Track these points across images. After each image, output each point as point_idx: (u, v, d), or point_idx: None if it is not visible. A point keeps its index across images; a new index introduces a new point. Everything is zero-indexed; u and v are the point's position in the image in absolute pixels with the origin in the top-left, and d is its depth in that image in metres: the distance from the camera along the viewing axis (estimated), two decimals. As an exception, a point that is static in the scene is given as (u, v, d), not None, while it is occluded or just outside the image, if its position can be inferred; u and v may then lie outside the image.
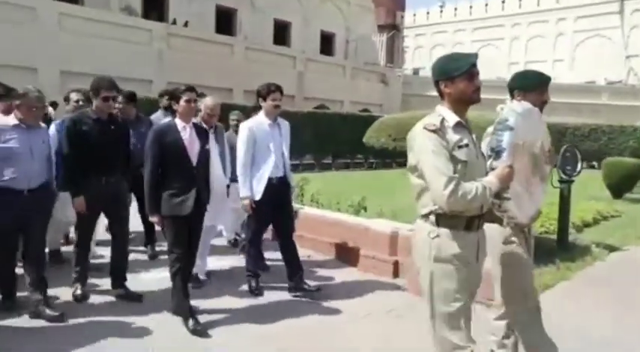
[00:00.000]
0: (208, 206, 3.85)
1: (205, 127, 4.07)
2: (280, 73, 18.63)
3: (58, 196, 4.01)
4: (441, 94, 2.25)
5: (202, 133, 3.77)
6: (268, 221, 4.37)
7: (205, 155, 3.75)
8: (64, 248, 5.13)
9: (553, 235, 5.81)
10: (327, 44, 26.89)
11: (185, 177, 3.59)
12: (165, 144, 3.57)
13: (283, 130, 4.32)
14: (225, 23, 21.87)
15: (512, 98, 2.78)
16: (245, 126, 4.26)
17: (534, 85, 2.78)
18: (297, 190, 6.31)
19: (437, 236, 2.17)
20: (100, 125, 3.91)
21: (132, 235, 4.65)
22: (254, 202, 4.16)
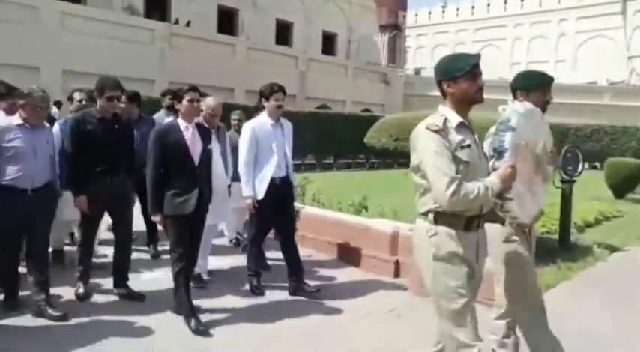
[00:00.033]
0: (210, 205, 3.86)
1: (208, 127, 4.08)
2: (282, 73, 18.65)
3: (62, 196, 4.02)
4: (444, 94, 2.25)
5: (205, 133, 3.77)
6: (270, 221, 4.38)
7: (208, 155, 3.76)
8: (68, 248, 5.14)
9: (554, 235, 5.81)
10: (329, 44, 26.90)
11: (187, 177, 3.60)
12: (167, 143, 3.58)
13: (286, 130, 4.33)
14: (227, 23, 21.91)
15: (514, 98, 2.79)
16: (248, 125, 4.28)
17: (537, 85, 2.78)
18: (298, 190, 6.33)
19: (435, 234, 2.18)
20: (105, 124, 3.93)
21: (134, 235, 4.67)
22: (256, 202, 4.18)
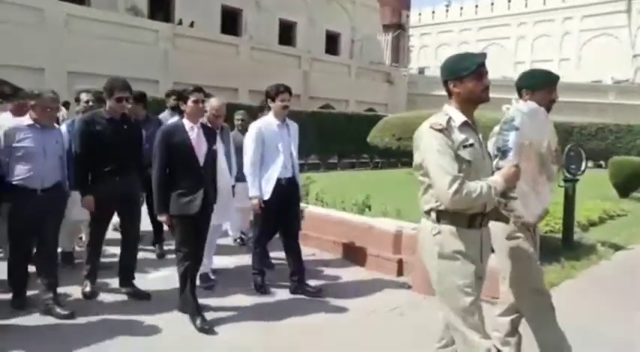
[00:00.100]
0: (214, 205, 3.88)
1: (213, 128, 4.10)
2: (285, 73, 18.69)
3: (70, 196, 4.06)
4: (450, 94, 2.27)
5: (210, 134, 3.80)
6: (276, 220, 4.39)
7: (213, 155, 3.78)
8: (78, 248, 5.18)
9: (558, 234, 5.81)
10: (333, 44, 26.90)
11: (193, 177, 3.63)
12: (172, 144, 3.61)
13: (292, 131, 4.36)
14: (230, 23, 21.94)
15: (520, 97, 2.79)
16: (254, 126, 4.31)
17: (542, 84, 2.79)
18: (302, 190, 6.35)
19: (438, 232, 2.20)
20: (114, 125, 3.97)
21: (141, 234, 4.70)
22: (263, 202, 4.20)
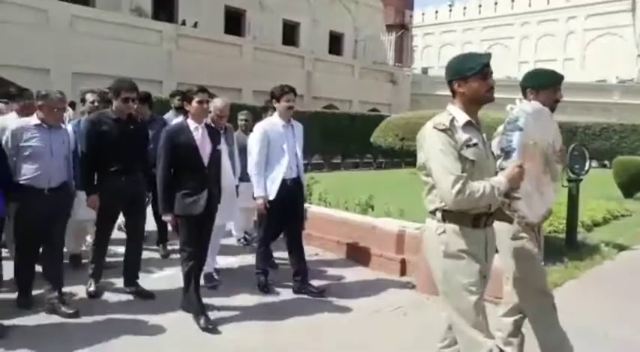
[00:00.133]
0: (218, 205, 3.90)
1: (217, 128, 4.12)
2: (289, 73, 18.72)
3: (77, 196, 4.08)
4: (454, 94, 2.28)
5: (214, 134, 3.82)
6: (280, 220, 4.40)
7: (217, 155, 3.80)
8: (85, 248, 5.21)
9: (562, 234, 5.80)
10: (336, 44, 26.90)
11: (197, 178, 3.65)
12: (177, 144, 3.63)
13: (297, 131, 4.38)
14: (234, 24, 21.97)
15: (524, 97, 2.79)
16: (259, 126, 4.34)
17: (547, 84, 2.79)
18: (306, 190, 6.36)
19: (443, 232, 2.21)
20: (120, 125, 4.00)
21: (145, 234, 4.73)
22: (267, 202, 4.22)
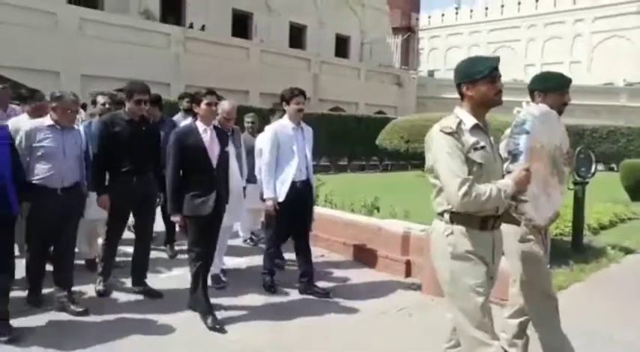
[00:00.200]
0: (226, 206, 3.95)
1: (225, 130, 4.16)
2: (295, 76, 18.76)
3: (88, 196, 4.13)
4: (462, 97, 2.30)
5: (222, 136, 3.87)
6: (290, 222, 4.42)
7: (225, 157, 3.85)
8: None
9: (568, 237, 5.79)
10: (342, 47, 26.95)
11: (206, 179, 3.69)
12: (186, 146, 3.67)
13: (306, 134, 4.42)
14: (241, 27, 22.07)
15: (532, 100, 2.81)
16: (270, 128, 4.40)
17: (555, 87, 2.81)
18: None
19: (451, 233, 2.23)
20: (133, 126, 4.06)
21: (154, 235, 4.78)
22: (277, 204, 4.26)
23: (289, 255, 5.05)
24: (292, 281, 4.54)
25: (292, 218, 4.36)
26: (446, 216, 2.26)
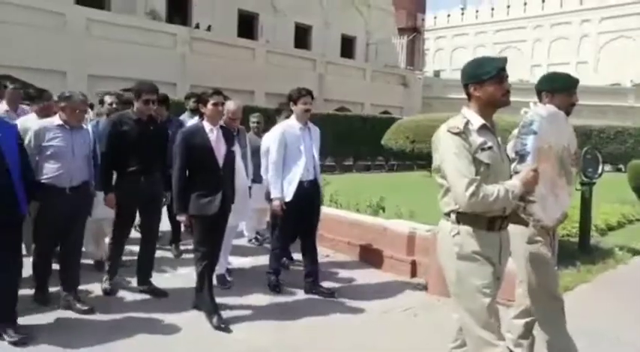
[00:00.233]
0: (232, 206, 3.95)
1: (231, 130, 4.17)
2: (301, 76, 18.75)
3: (96, 196, 4.15)
4: (470, 97, 2.30)
5: (228, 136, 3.88)
6: (297, 222, 4.42)
7: (231, 157, 3.86)
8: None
9: (575, 238, 5.77)
10: (348, 47, 26.94)
11: (212, 179, 3.70)
12: (193, 145, 3.68)
13: (314, 134, 4.43)
14: (247, 27, 22.11)
15: (539, 100, 2.80)
16: (277, 128, 4.42)
17: (562, 87, 2.80)
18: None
19: (457, 233, 2.23)
20: (141, 126, 4.08)
21: (159, 234, 4.79)
22: (284, 203, 4.26)
23: (297, 256, 5.05)
24: (297, 281, 4.55)
25: (299, 218, 4.37)
26: (453, 216, 2.25)
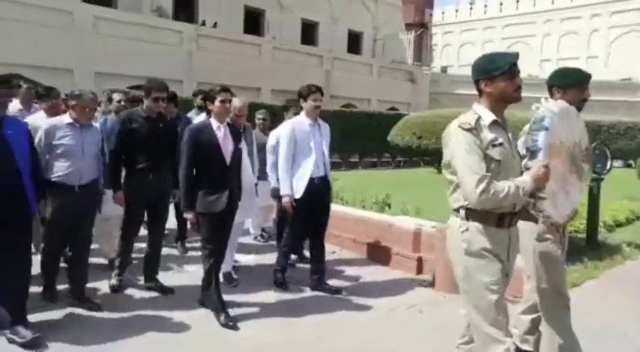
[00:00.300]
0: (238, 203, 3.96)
1: (238, 127, 4.17)
2: (307, 72, 18.74)
3: (105, 194, 4.16)
4: (481, 93, 2.28)
5: (236, 133, 3.88)
6: (307, 219, 4.41)
7: (238, 154, 3.86)
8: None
9: (582, 234, 5.73)
10: (355, 43, 26.84)
11: (219, 176, 3.70)
12: (200, 142, 3.68)
13: (323, 131, 4.42)
14: (253, 24, 22.10)
15: (551, 95, 2.77)
16: (287, 124, 4.43)
17: (574, 83, 2.77)
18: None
19: (466, 229, 2.22)
20: (150, 123, 4.09)
21: (165, 232, 4.81)
22: (294, 200, 4.26)
23: (305, 252, 5.05)
24: (304, 278, 4.55)
25: (310, 215, 4.35)
26: (462, 213, 2.24)
